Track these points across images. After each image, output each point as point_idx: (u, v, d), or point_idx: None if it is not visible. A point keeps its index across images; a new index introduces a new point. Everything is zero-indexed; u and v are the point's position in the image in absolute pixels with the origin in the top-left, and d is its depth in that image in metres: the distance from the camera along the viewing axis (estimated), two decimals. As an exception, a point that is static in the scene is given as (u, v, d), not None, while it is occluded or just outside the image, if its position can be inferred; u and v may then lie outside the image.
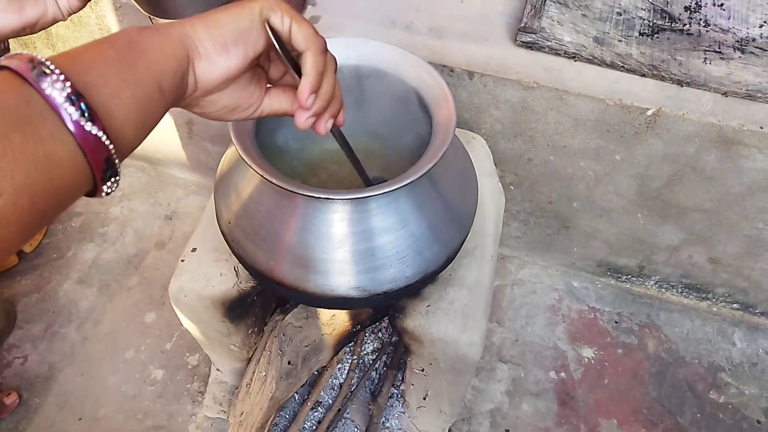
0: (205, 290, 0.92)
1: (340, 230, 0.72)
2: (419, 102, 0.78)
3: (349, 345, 1.22)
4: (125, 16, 1.25)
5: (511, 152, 1.22)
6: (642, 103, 1.03)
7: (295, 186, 0.64)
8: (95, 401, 1.34)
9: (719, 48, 1.06)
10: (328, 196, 0.65)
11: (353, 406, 1.20)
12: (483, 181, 1.00)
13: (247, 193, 0.78)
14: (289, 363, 1.07)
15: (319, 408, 1.20)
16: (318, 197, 0.65)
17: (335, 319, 1.11)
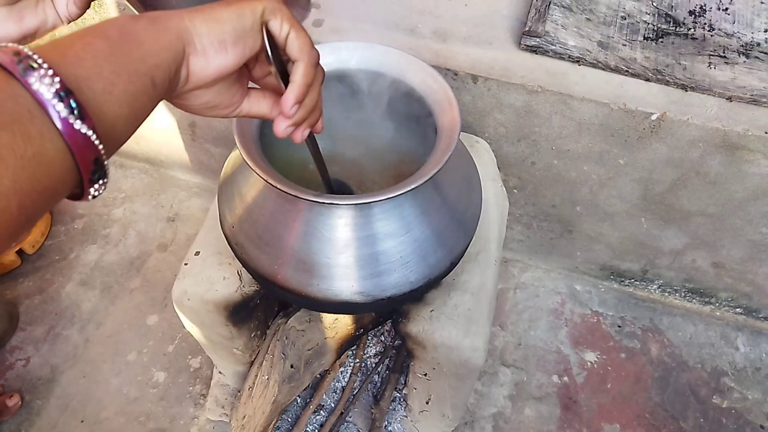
0: (208, 294, 0.92)
1: (344, 235, 0.72)
2: (423, 106, 0.78)
3: (352, 348, 1.21)
4: (129, 18, 1.25)
5: (514, 156, 1.22)
6: (646, 108, 1.03)
7: (299, 191, 0.64)
8: (97, 403, 1.34)
9: (724, 52, 1.06)
10: (333, 201, 0.65)
11: (356, 409, 1.20)
12: (487, 185, 1.00)
13: (251, 197, 0.77)
14: (291, 366, 1.07)
15: (322, 411, 1.20)
16: (322, 202, 0.65)
17: (338, 323, 1.11)
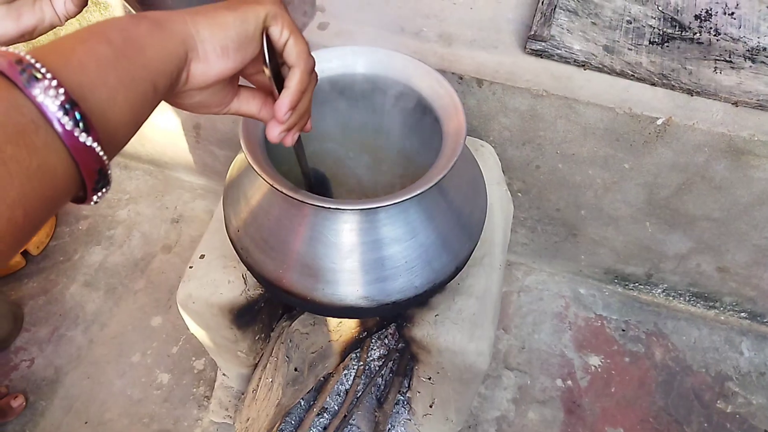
0: (213, 297, 0.92)
1: (349, 240, 0.72)
2: (429, 111, 0.78)
3: (356, 351, 1.21)
4: (134, 21, 1.25)
5: (519, 160, 1.22)
6: (652, 113, 1.02)
7: (304, 196, 0.64)
8: (101, 405, 1.35)
9: (730, 57, 1.06)
10: (338, 206, 0.65)
11: (359, 412, 1.20)
12: (492, 189, 1.00)
13: (256, 201, 0.78)
14: (295, 369, 1.07)
15: (325, 414, 1.20)
16: (328, 207, 0.65)
17: (342, 326, 1.11)
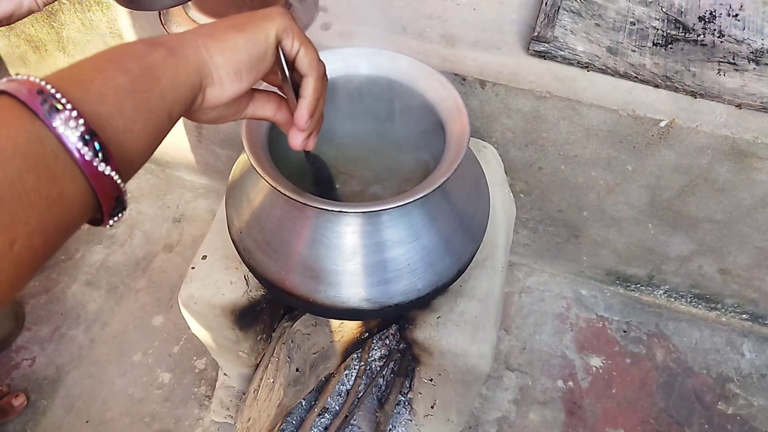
0: (215, 298, 0.92)
1: (351, 242, 0.72)
2: (432, 113, 0.77)
3: (357, 352, 1.21)
4: (137, 19, 1.25)
5: (521, 161, 1.22)
6: (655, 115, 1.02)
7: (307, 198, 0.64)
8: (102, 404, 1.35)
9: (733, 59, 1.06)
10: (341, 209, 0.64)
11: (360, 412, 1.20)
12: (494, 190, 1.00)
13: (259, 203, 0.77)
14: (297, 370, 1.07)
15: (326, 414, 1.20)
16: (330, 210, 0.65)
17: (343, 327, 1.11)
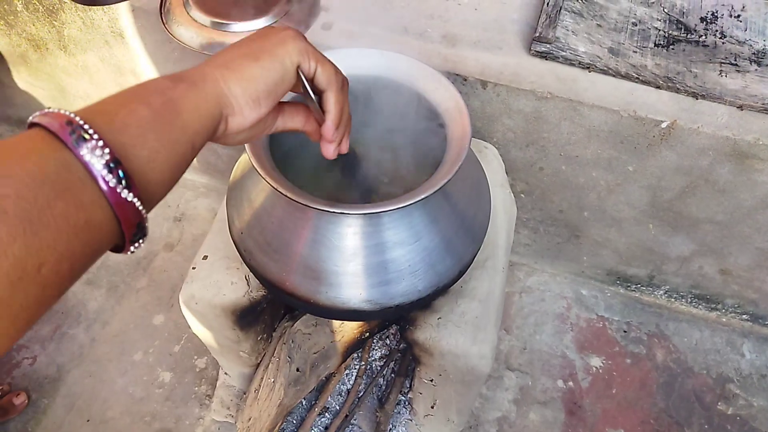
0: (216, 298, 0.92)
1: (352, 243, 0.72)
2: (434, 115, 0.77)
3: (357, 351, 1.21)
4: (138, 19, 1.25)
5: (522, 161, 1.22)
6: (656, 116, 1.02)
7: (308, 199, 0.64)
8: (103, 403, 1.35)
9: (735, 60, 1.05)
10: (342, 210, 0.64)
11: (360, 412, 1.20)
12: (495, 191, 1.00)
13: (260, 203, 0.77)
14: (297, 370, 1.07)
15: (327, 414, 1.20)
16: (331, 211, 0.64)
17: (344, 327, 1.11)
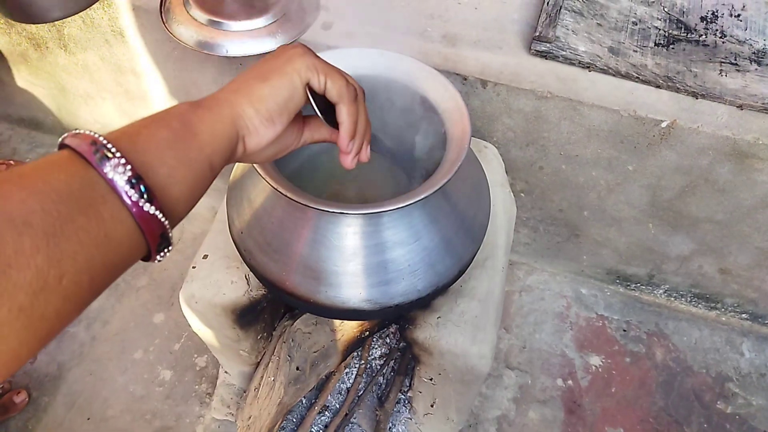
0: (216, 298, 0.92)
1: (352, 243, 0.72)
2: (434, 114, 0.77)
3: (357, 350, 1.22)
4: (138, 18, 1.25)
5: (522, 160, 1.22)
6: (656, 115, 1.02)
7: (308, 199, 0.64)
8: (103, 401, 1.35)
9: (735, 60, 1.05)
10: (342, 210, 0.64)
11: (360, 411, 1.21)
12: (495, 191, 1.00)
13: (259, 203, 0.78)
14: (297, 368, 1.08)
15: (326, 412, 1.21)
16: (331, 211, 0.65)
17: (344, 326, 1.11)
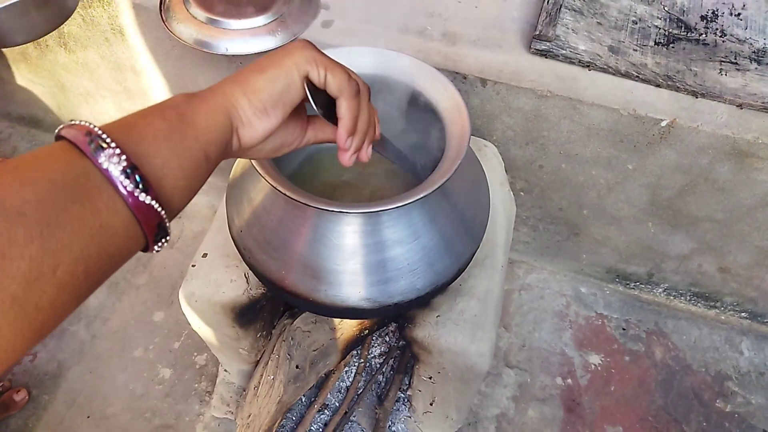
0: (216, 296, 0.92)
1: (351, 242, 0.72)
2: (433, 113, 0.77)
3: (357, 349, 1.22)
4: (138, 16, 1.25)
5: (522, 159, 1.22)
6: (656, 114, 1.02)
7: (308, 198, 0.64)
8: (103, 399, 1.35)
9: (735, 59, 1.05)
10: (341, 209, 0.64)
11: (360, 409, 1.21)
12: (494, 190, 1.00)
13: (259, 202, 0.78)
14: (297, 367, 1.08)
15: (326, 411, 1.21)
16: (331, 210, 0.65)
17: (343, 324, 1.11)
